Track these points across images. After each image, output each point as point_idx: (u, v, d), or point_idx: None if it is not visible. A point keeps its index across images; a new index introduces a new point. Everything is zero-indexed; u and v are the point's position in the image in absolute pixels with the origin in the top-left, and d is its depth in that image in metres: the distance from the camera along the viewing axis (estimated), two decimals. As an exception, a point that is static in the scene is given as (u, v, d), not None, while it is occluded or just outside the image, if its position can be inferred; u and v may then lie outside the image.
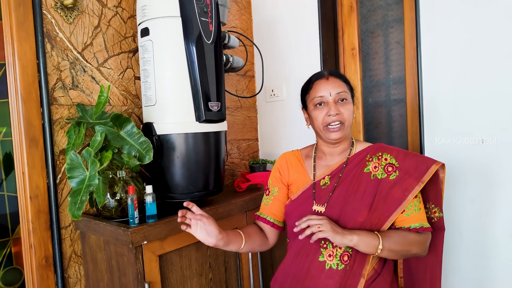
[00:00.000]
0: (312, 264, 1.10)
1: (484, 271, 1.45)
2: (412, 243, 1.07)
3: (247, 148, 2.08)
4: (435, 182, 1.14)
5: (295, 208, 1.20)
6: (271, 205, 1.26)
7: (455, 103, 1.47)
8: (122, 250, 1.19)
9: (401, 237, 1.06)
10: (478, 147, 1.42)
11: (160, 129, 1.35)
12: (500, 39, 1.36)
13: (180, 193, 1.38)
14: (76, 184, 1.13)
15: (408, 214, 1.08)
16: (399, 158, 1.12)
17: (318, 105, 1.15)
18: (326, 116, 1.13)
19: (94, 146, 1.19)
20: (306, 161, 1.25)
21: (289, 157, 1.28)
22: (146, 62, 1.38)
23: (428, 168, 1.09)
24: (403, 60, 1.73)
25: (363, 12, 1.86)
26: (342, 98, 1.13)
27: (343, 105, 1.13)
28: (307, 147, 1.31)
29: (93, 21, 1.43)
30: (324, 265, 1.08)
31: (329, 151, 1.21)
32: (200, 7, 1.35)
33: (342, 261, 1.07)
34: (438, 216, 1.16)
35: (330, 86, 1.13)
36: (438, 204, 1.16)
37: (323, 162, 1.22)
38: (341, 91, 1.13)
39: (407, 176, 1.09)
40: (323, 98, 1.13)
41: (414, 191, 1.07)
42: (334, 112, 1.11)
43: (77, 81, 1.38)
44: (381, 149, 1.16)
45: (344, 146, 1.19)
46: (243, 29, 2.05)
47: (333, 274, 1.07)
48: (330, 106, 1.12)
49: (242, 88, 2.04)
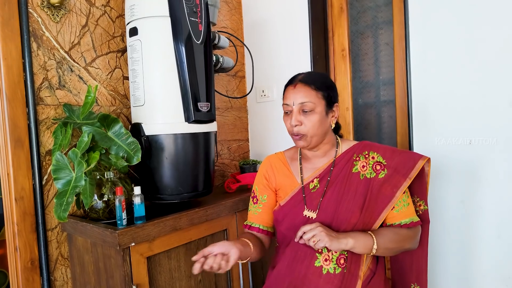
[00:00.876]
0: (308, 270, 1.08)
1: (470, 269, 1.46)
2: (404, 239, 1.09)
3: (237, 149, 2.07)
4: (421, 176, 1.16)
5: (285, 214, 1.17)
6: (261, 213, 1.23)
7: (443, 105, 1.48)
8: (110, 252, 1.17)
9: (394, 234, 1.08)
10: (466, 148, 1.44)
11: (148, 130, 1.34)
12: (488, 41, 1.38)
13: (169, 194, 1.37)
14: (62, 185, 1.11)
15: (398, 211, 1.10)
16: (387, 156, 1.13)
17: (286, 112, 1.14)
18: (290, 125, 1.12)
19: (81, 146, 1.17)
20: (291, 163, 1.23)
21: (274, 161, 1.25)
22: (135, 62, 1.36)
23: (416, 163, 1.11)
24: (393, 62, 1.74)
25: (353, 13, 1.87)
26: (306, 109, 1.08)
27: (306, 115, 1.09)
28: (291, 149, 1.28)
29: (81, 20, 1.41)
30: (321, 270, 1.07)
31: (311, 154, 1.19)
32: (190, 7, 1.34)
33: (339, 265, 1.07)
34: (423, 209, 1.18)
35: (296, 94, 1.10)
36: (423, 197, 1.18)
37: (309, 165, 1.20)
38: (306, 101, 1.08)
39: (395, 173, 1.10)
40: (288, 107, 1.12)
41: (402, 187, 1.09)
42: (294, 123, 1.09)
43: (64, 81, 1.36)
44: (367, 147, 1.16)
45: (325, 149, 1.17)
46: (233, 29, 2.04)
47: (331, 279, 1.06)
48: (292, 115, 1.10)
49: (232, 88, 2.03)
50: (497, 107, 1.37)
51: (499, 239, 1.39)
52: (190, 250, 1.35)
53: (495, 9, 1.35)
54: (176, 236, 1.29)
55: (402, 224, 1.10)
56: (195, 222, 1.33)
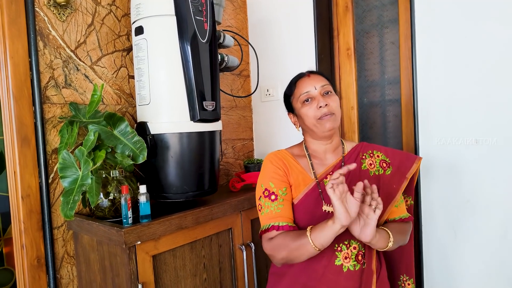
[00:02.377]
0: (327, 269, 1.07)
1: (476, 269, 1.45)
2: (406, 232, 1.15)
3: (242, 148, 2.07)
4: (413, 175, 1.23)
5: (302, 212, 1.12)
6: (283, 209, 1.11)
7: (449, 104, 1.48)
8: (115, 251, 1.17)
9: (399, 228, 1.13)
10: (472, 147, 1.43)
11: (154, 129, 1.34)
12: (494, 40, 1.37)
13: (174, 193, 1.37)
14: (69, 183, 1.12)
15: (397, 206, 1.17)
16: (389, 155, 1.21)
17: (305, 101, 1.14)
18: (317, 109, 1.11)
19: (87, 145, 1.18)
20: (300, 160, 1.20)
21: (283, 157, 1.19)
22: (140, 61, 1.36)
23: (413, 163, 1.19)
24: (398, 61, 1.73)
25: (358, 12, 1.86)
26: (327, 90, 1.15)
27: (329, 96, 1.14)
28: (293, 147, 1.24)
29: (87, 19, 1.42)
30: (342, 268, 1.06)
31: (323, 149, 1.18)
32: (195, 5, 1.34)
33: (358, 261, 1.08)
34: (409, 204, 1.28)
35: (314, 81, 1.15)
36: (411, 194, 1.28)
37: (318, 161, 1.19)
38: (325, 83, 1.15)
39: (398, 171, 1.18)
40: (309, 94, 1.14)
41: (403, 185, 1.16)
42: (323, 103, 1.11)
43: (70, 80, 1.37)
44: (369, 147, 1.22)
45: (336, 142, 1.20)
46: (238, 28, 2.04)
47: (352, 276, 1.06)
48: (318, 98, 1.12)
49: (237, 87, 2.03)
50: (503, 106, 1.36)
51: (504, 238, 1.39)
52: (195, 249, 1.35)
53: (502, 8, 1.34)
54: (181, 234, 1.29)
55: (403, 218, 1.17)
56: (201, 221, 1.33)
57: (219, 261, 1.44)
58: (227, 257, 1.47)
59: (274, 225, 1.08)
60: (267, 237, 1.10)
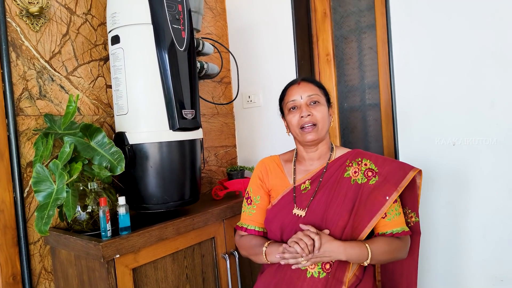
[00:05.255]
0: (293, 273, 1.09)
1: (459, 271, 1.47)
2: (396, 250, 1.10)
3: (225, 155, 2.06)
4: (412, 188, 1.17)
5: (276, 214, 1.19)
6: (255, 214, 1.25)
7: (426, 107, 1.50)
8: (94, 265, 1.15)
9: (387, 245, 1.09)
10: (450, 150, 1.45)
11: (132, 139, 1.32)
12: (468, 44, 1.40)
13: (154, 204, 1.35)
14: (43, 198, 1.09)
15: (390, 219, 1.11)
16: (378, 164, 1.15)
17: (291, 109, 1.18)
18: (299, 118, 1.15)
19: (63, 157, 1.15)
20: (285, 166, 1.26)
21: (268, 163, 1.28)
22: (117, 70, 1.34)
23: (406, 174, 1.12)
24: (376, 65, 1.76)
25: (337, 18, 1.88)
26: (314, 100, 1.16)
27: (315, 107, 1.15)
28: (287, 152, 1.31)
29: (61, 29, 1.39)
30: (306, 273, 1.08)
31: (308, 156, 1.21)
32: (172, 14, 1.33)
33: (324, 269, 1.07)
34: (414, 220, 1.19)
35: (301, 90, 1.17)
36: (415, 209, 1.19)
37: (302, 167, 1.23)
38: (312, 94, 1.16)
39: (386, 182, 1.12)
40: (295, 102, 1.17)
41: (393, 196, 1.10)
42: (305, 114, 1.14)
43: (44, 91, 1.34)
44: (360, 154, 1.19)
45: (323, 150, 1.20)
46: (218, 35, 2.04)
47: (315, 283, 1.07)
48: (302, 108, 1.15)
49: (218, 94, 2.03)
50: (479, 109, 1.39)
51: (485, 239, 1.41)
52: (177, 260, 1.33)
53: (475, 13, 1.37)
54: (162, 246, 1.27)
55: (394, 232, 1.11)
56: (182, 231, 1.31)
57: (202, 271, 1.42)
58: (210, 267, 1.45)
59: (243, 226, 1.26)
60: (239, 233, 1.29)
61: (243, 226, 1.26)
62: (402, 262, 1.19)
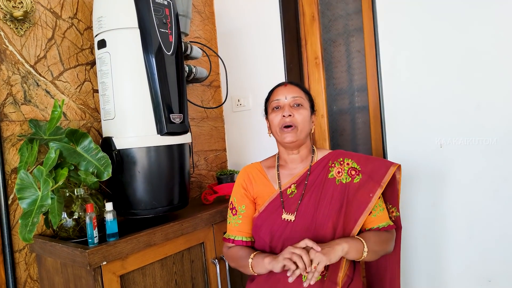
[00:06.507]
0: (288, 278, 1.06)
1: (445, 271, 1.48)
2: (386, 241, 1.13)
3: (215, 159, 2.05)
4: (393, 183, 1.20)
5: (264, 220, 1.18)
6: (241, 224, 1.23)
7: (414, 110, 1.51)
8: (80, 273, 1.13)
9: (377, 237, 1.11)
10: (437, 151, 1.47)
11: (120, 144, 1.30)
12: (453, 46, 1.41)
13: (143, 209, 1.33)
14: (27, 205, 1.07)
15: (375, 215, 1.14)
16: (361, 162, 1.18)
17: (275, 108, 1.19)
18: (281, 118, 1.16)
19: (48, 163, 1.13)
20: (268, 172, 1.25)
21: (250, 171, 1.27)
22: (104, 75, 1.33)
23: (387, 170, 1.15)
24: (364, 68, 1.77)
25: (325, 21, 1.89)
26: (298, 103, 1.17)
27: (297, 109, 1.16)
28: (268, 158, 1.31)
29: (47, 33, 1.37)
30: (301, 278, 1.07)
31: (290, 159, 1.21)
32: (159, 18, 1.32)
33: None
34: (395, 215, 1.22)
35: (287, 91, 1.19)
36: (395, 204, 1.22)
37: (286, 171, 1.22)
38: (297, 96, 1.18)
39: (369, 179, 1.14)
40: (279, 102, 1.18)
41: (377, 193, 1.12)
42: (287, 113, 1.15)
43: (29, 96, 1.32)
44: (341, 154, 1.21)
45: (304, 153, 1.21)
46: (207, 39, 2.03)
47: (311, 286, 1.05)
48: (285, 108, 1.16)
49: (207, 98, 2.02)
50: (465, 111, 1.40)
51: (470, 240, 1.42)
52: (166, 266, 1.31)
53: (461, 17, 1.39)
54: (150, 252, 1.25)
55: (380, 227, 1.14)
56: (170, 237, 1.29)
57: (192, 277, 1.41)
58: (200, 272, 1.44)
59: (230, 238, 1.24)
60: (226, 245, 1.27)
61: (230, 237, 1.24)
62: (385, 257, 1.21)
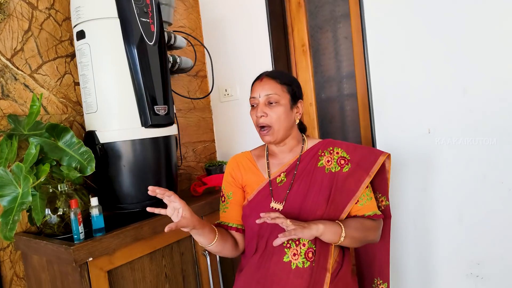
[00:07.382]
0: (277, 266, 1.08)
1: (434, 255, 1.49)
2: (369, 229, 1.11)
3: (203, 150, 2.03)
4: (382, 172, 1.19)
5: (253, 208, 1.17)
6: (229, 210, 1.22)
7: (401, 96, 1.50)
8: (67, 270, 1.11)
9: (359, 223, 1.10)
10: (425, 137, 1.46)
11: (103, 137, 1.28)
12: (441, 32, 1.40)
13: (129, 203, 1.31)
14: (8, 203, 1.04)
15: (362, 204, 1.13)
16: (350, 151, 1.16)
17: (252, 106, 1.16)
18: (256, 118, 1.13)
19: (29, 160, 1.10)
20: (258, 161, 1.24)
21: (240, 159, 1.25)
22: (84, 66, 1.29)
23: (377, 159, 1.14)
24: (352, 55, 1.75)
25: (311, 8, 1.86)
26: (271, 101, 1.11)
27: (271, 108, 1.11)
28: (258, 148, 1.29)
29: (23, 25, 1.33)
30: (290, 265, 1.07)
31: (278, 150, 1.20)
32: (140, 7, 1.28)
33: (308, 258, 1.07)
34: (385, 204, 1.22)
35: (261, 87, 1.13)
36: (385, 193, 1.21)
37: (276, 161, 1.21)
38: (271, 93, 1.11)
39: (358, 168, 1.14)
40: (255, 100, 1.15)
41: (365, 181, 1.12)
42: (259, 114, 1.12)
43: (7, 90, 1.28)
44: (331, 143, 1.19)
45: (292, 144, 1.19)
46: (191, 28, 1.99)
47: (301, 273, 1.06)
48: (259, 107, 1.13)
49: (194, 88, 1.99)
50: (452, 96, 1.40)
51: (460, 224, 1.43)
52: (155, 259, 1.30)
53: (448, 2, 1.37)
54: (138, 246, 1.24)
55: (366, 216, 1.13)
56: (158, 230, 1.28)
57: (182, 269, 1.40)
58: (190, 265, 1.43)
59: (217, 223, 1.22)
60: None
61: (217, 222, 1.23)
62: (374, 245, 1.21)
